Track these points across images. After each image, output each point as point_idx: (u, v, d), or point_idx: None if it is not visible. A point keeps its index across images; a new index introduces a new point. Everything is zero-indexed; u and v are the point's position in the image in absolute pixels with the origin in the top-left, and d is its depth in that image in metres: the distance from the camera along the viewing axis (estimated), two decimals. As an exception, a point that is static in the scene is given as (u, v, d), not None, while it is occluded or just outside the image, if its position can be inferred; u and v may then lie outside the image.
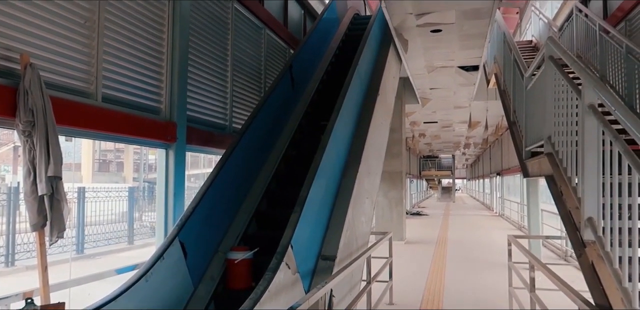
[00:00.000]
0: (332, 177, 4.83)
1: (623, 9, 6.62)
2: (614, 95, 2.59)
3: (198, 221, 4.12)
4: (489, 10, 6.67)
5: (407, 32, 7.69)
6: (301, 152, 5.89)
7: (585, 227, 2.82)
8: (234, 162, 4.74)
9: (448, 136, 24.53)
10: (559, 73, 3.54)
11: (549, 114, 3.91)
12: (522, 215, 16.54)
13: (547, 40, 4.06)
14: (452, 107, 15.23)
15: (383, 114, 7.14)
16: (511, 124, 6.31)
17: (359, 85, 6.19)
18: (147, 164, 24.66)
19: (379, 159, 6.67)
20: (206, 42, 5.57)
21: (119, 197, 14.70)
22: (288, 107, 6.28)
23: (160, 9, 4.70)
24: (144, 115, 4.38)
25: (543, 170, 4.21)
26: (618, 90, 5.72)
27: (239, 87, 6.35)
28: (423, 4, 6.43)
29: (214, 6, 5.76)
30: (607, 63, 6.14)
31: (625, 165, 2.30)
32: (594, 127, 2.72)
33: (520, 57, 5.96)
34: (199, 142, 5.26)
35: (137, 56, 4.37)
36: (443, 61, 9.59)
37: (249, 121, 5.18)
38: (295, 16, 9.00)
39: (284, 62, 7.78)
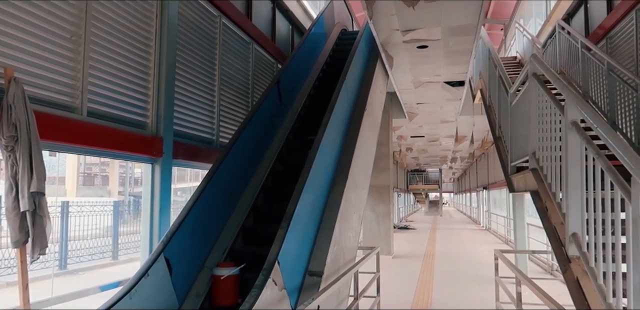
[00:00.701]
0: (320, 192, 4.82)
1: (604, 27, 6.77)
2: (595, 112, 2.63)
3: (184, 237, 4.07)
4: (474, 27, 6.78)
5: (393, 48, 7.78)
6: (288, 166, 5.89)
7: (569, 243, 2.84)
8: (220, 177, 4.71)
9: (435, 150, 24.68)
10: (542, 90, 3.60)
11: (533, 130, 3.96)
12: (509, 229, 16.63)
13: (530, 57, 4.13)
14: (439, 122, 15.36)
15: (370, 128, 7.18)
16: (497, 139, 6.38)
17: (347, 100, 6.23)
18: (133, 177, 24.43)
19: (366, 173, 6.69)
20: (194, 56, 5.58)
21: (103, 212, 14.50)
22: (275, 122, 6.29)
23: (147, 24, 4.71)
24: (129, 130, 4.35)
25: (528, 185, 4.25)
26: (600, 107, 5.82)
27: (226, 102, 6.36)
28: (409, 20, 6.52)
29: (201, 21, 5.79)
30: (589, 79, 6.26)
31: (608, 181, 2.33)
32: (577, 143, 2.76)
33: (505, 73, 6.05)
34: (186, 156, 5.23)
35: (124, 70, 4.36)
36: (429, 76, 9.69)
37: (236, 136, 5.17)
38: (283, 31, 9.07)
39: (271, 77, 7.82)
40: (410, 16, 6.31)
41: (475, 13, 6.27)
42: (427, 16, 6.36)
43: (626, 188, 2.08)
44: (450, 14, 6.30)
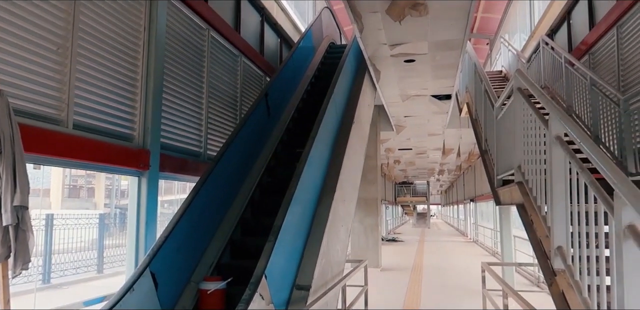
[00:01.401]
0: (307, 205, 4.82)
1: (587, 43, 6.91)
2: (578, 127, 2.67)
3: (170, 251, 4.03)
4: (460, 41, 6.88)
5: (381, 62, 7.86)
6: (276, 179, 5.88)
7: (555, 256, 2.86)
8: (208, 190, 4.69)
9: (423, 163, 24.81)
10: (526, 104, 3.65)
11: (518, 144, 4.01)
12: (496, 242, 16.69)
13: (515, 72, 4.20)
14: (426, 135, 15.48)
15: (358, 141, 7.21)
16: (483, 152, 6.43)
17: (335, 113, 6.26)
18: (120, 189, 24.17)
19: (354, 185, 6.69)
20: (182, 69, 5.58)
21: (88, 224, 14.30)
22: (263, 135, 6.29)
23: (135, 36, 4.71)
24: (116, 143, 4.32)
25: (514, 198, 4.29)
26: (584, 121, 5.91)
27: (214, 114, 6.35)
28: (396, 35, 6.60)
29: (189, 34, 5.81)
30: (573, 94, 6.36)
31: (592, 195, 2.36)
32: (561, 157, 2.80)
33: (491, 87, 6.13)
34: (173, 169, 5.20)
35: (111, 83, 4.34)
36: (417, 90, 9.79)
37: (223, 148, 5.16)
38: (272, 44, 9.12)
39: (260, 90, 7.84)
40: (397, 31, 6.39)
41: (461, 28, 6.37)
42: (414, 31, 6.44)
43: (609, 202, 2.11)
44: (437, 29, 6.40)
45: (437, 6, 5.71)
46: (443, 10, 5.84)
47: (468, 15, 5.98)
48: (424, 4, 5.61)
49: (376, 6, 5.70)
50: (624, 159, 4.80)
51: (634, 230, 1.89)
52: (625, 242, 1.94)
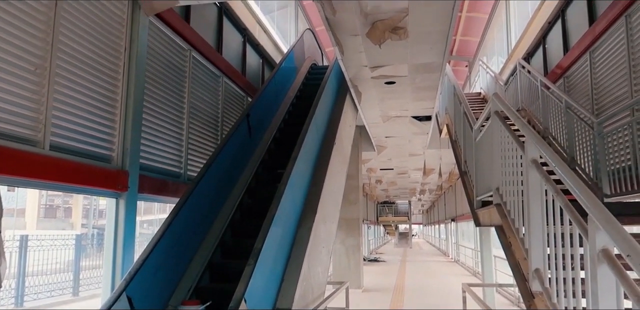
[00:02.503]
0: (288, 227, 4.79)
1: (561, 67, 7.10)
2: (553, 152, 2.73)
3: (148, 274, 3.95)
4: (440, 64, 7.02)
5: (362, 83, 7.96)
6: (257, 200, 5.85)
7: (533, 278, 2.88)
8: (187, 212, 4.64)
9: (404, 182, 24.94)
10: (504, 128, 3.72)
11: (496, 166, 4.07)
12: (477, 262, 16.73)
13: (492, 96, 4.29)
14: (407, 155, 15.61)
15: (339, 162, 7.24)
16: (462, 173, 6.50)
17: (316, 134, 6.29)
18: (98, 209, 23.74)
19: (335, 206, 6.69)
20: (162, 89, 5.57)
21: (65, 246, 13.97)
22: (245, 155, 6.27)
23: (115, 57, 4.69)
24: (94, 164, 4.26)
25: (493, 220, 4.32)
26: (560, 142, 6.03)
27: (195, 135, 6.33)
28: (377, 57, 6.71)
29: (171, 55, 5.82)
30: (549, 116, 6.50)
31: (567, 217, 2.40)
32: (537, 180, 2.84)
33: (469, 110, 6.23)
34: (152, 190, 5.14)
35: (90, 103, 4.30)
36: (397, 111, 9.91)
37: (204, 169, 5.13)
38: (254, 65, 9.18)
39: (241, 110, 7.85)
40: (377, 53, 6.50)
41: (440, 52, 6.51)
42: (394, 54, 6.56)
43: (583, 226, 2.14)
44: (416, 52, 6.53)
45: (416, 30, 5.83)
46: (422, 34, 5.97)
47: (447, 40, 6.12)
48: (403, 28, 5.73)
49: (357, 29, 5.80)
50: (599, 181, 4.89)
51: (608, 254, 1.92)
52: (600, 266, 1.96)
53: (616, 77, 5.48)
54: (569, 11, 7.27)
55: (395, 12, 5.43)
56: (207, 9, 7.09)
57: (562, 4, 7.38)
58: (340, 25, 5.75)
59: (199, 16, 6.74)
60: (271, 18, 11.59)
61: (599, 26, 5.76)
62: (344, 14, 5.44)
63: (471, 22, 15.98)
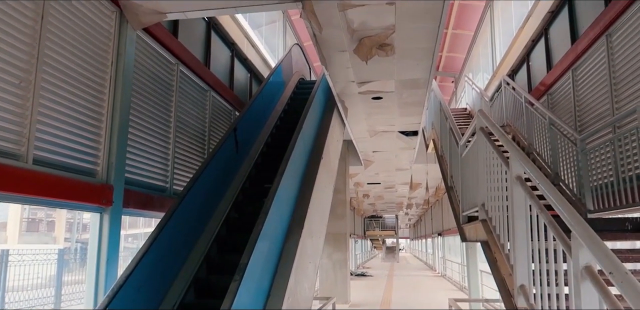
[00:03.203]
0: (275, 242, 4.76)
1: (545, 84, 7.23)
2: (537, 169, 2.76)
3: (131, 290, 3.89)
4: (426, 81, 7.10)
5: (349, 98, 8.01)
6: (244, 215, 5.81)
7: (518, 295, 2.89)
8: (172, 227, 4.59)
9: (391, 197, 24.98)
10: (489, 144, 3.76)
11: (482, 182, 4.10)
12: (463, 276, 16.73)
13: (477, 112, 4.34)
14: (394, 169, 15.66)
15: (327, 176, 7.23)
16: (449, 188, 6.54)
17: (303, 149, 6.29)
18: (82, 223, 23.37)
19: (322, 221, 6.66)
20: (149, 103, 5.56)
21: (47, 260, 13.68)
22: (232, 170, 6.25)
23: (102, 71, 4.67)
24: (78, 178, 4.21)
25: (479, 235, 4.34)
26: (544, 158, 6.11)
27: (181, 149, 6.30)
28: (364, 73, 6.77)
29: (158, 69, 5.82)
30: (533, 132, 6.59)
31: (551, 234, 2.42)
32: (521, 197, 2.87)
33: (455, 126, 6.30)
34: (137, 205, 5.08)
35: (75, 117, 4.27)
36: (384, 126, 9.97)
37: (190, 183, 5.10)
38: (242, 79, 9.21)
39: (229, 124, 7.85)
40: (364, 69, 6.55)
41: (426, 68, 6.58)
42: (381, 70, 6.63)
43: (567, 243, 2.16)
44: (403, 69, 6.59)
45: (403, 47, 5.90)
46: (409, 51, 6.04)
47: (433, 56, 6.20)
48: (390, 44, 5.79)
49: (344, 45, 5.86)
50: (582, 196, 4.95)
51: (591, 271, 1.94)
52: (583, 282, 1.98)
53: (598, 94, 5.59)
54: (552, 30, 7.43)
55: (382, 29, 5.49)
56: (195, 23, 7.12)
57: (545, 23, 7.54)
58: (327, 41, 5.80)
59: (187, 30, 6.77)
60: (259, 33, 11.67)
61: (581, 45, 5.89)
62: (332, 30, 5.49)
63: (457, 38, 16.24)
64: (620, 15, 5.00)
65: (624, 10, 4.92)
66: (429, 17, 5.20)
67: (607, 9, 5.27)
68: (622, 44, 5.05)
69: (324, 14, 5.10)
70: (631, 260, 3.55)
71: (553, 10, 7.21)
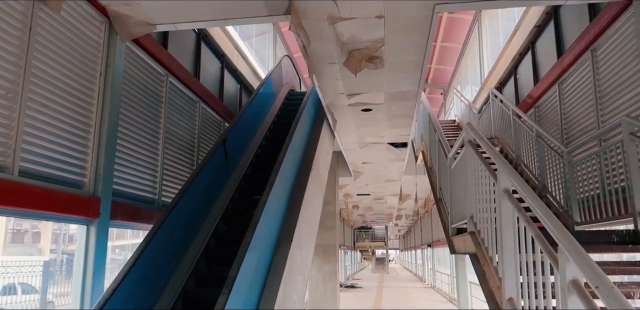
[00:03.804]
0: (264, 254, 4.73)
1: (532, 97, 7.32)
2: (524, 182, 2.78)
3: (118, 304, 3.83)
4: (415, 93, 7.15)
5: (339, 110, 8.04)
6: (233, 227, 5.78)
7: (506, 307, 2.89)
8: (160, 239, 4.55)
9: (381, 208, 24.98)
10: (477, 157, 3.79)
11: (470, 194, 4.12)
12: (453, 288, 16.70)
13: (466, 125, 4.38)
14: (384, 181, 15.69)
15: (316, 188, 7.22)
16: (438, 200, 6.56)
17: (293, 161, 6.29)
18: (68, 234, 23.08)
19: (312, 232, 6.64)
20: (138, 114, 5.54)
21: (32, 272, 13.46)
22: (221, 181, 6.22)
23: (90, 82, 4.65)
24: (65, 190, 4.17)
25: (468, 248, 4.35)
26: (532, 170, 6.16)
27: (170, 160, 6.27)
28: (353, 85, 6.81)
29: (147, 80, 5.80)
30: (521, 145, 6.65)
31: (539, 246, 2.43)
32: (509, 210, 2.89)
33: (444, 138, 6.35)
34: (125, 217, 5.04)
35: (62, 128, 4.23)
36: (374, 138, 10.01)
37: (179, 195, 5.06)
38: (232, 90, 9.22)
39: (218, 135, 7.83)
40: (354, 81, 6.59)
41: (415, 81, 6.64)
42: (371, 82, 6.67)
43: (554, 256, 2.17)
44: (392, 81, 6.65)
45: (392, 59, 5.95)
46: (398, 64, 6.09)
47: (422, 69, 6.26)
48: (380, 57, 5.84)
49: (334, 58, 5.90)
50: (569, 208, 4.99)
51: (578, 285, 1.95)
52: (570, 296, 1.99)
53: (584, 107, 5.66)
54: (539, 44, 7.55)
55: (372, 42, 5.54)
56: (185, 34, 7.14)
57: (532, 37, 7.66)
58: (317, 54, 5.84)
59: (177, 41, 6.78)
60: (250, 44, 11.72)
61: (567, 59, 5.99)
62: (321, 43, 5.53)
63: (446, 51, 16.42)
64: (605, 31, 5.10)
65: (608, 26, 5.01)
66: (417, 31, 5.26)
67: (592, 24, 5.37)
68: (606, 58, 5.14)
69: (314, 26, 5.15)
70: (617, 272, 3.57)
71: (539, 24, 7.33)
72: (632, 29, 4.56)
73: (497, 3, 4.78)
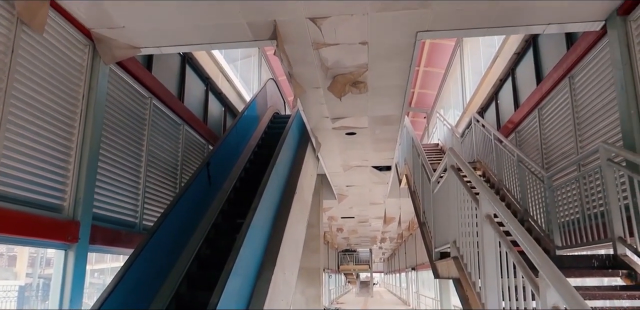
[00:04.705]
0: (246, 279, 4.66)
1: (513, 122, 7.45)
2: (506, 209, 2.81)
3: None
4: (398, 117, 7.25)
5: (323, 134, 8.09)
6: (215, 251, 5.70)
7: (490, 334, 2.88)
8: (141, 264, 4.46)
9: (365, 231, 24.90)
10: (460, 182, 3.82)
11: (453, 219, 4.14)
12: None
13: (448, 150, 4.43)
14: (368, 204, 15.70)
15: (300, 211, 7.19)
16: (421, 224, 6.56)
17: (277, 184, 6.27)
18: (45, 257, 22.50)
19: (295, 256, 6.58)
20: (120, 137, 5.49)
21: (5, 298, 13.03)
22: (204, 205, 6.17)
23: (72, 104, 4.59)
24: (42, 214, 4.07)
25: (451, 272, 4.34)
26: (514, 194, 6.22)
27: (152, 183, 6.20)
28: (338, 109, 6.88)
29: (131, 102, 5.78)
30: (503, 169, 6.73)
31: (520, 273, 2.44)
32: (491, 236, 2.90)
33: (427, 162, 6.40)
34: (104, 241, 4.94)
35: (42, 151, 4.16)
36: (358, 161, 10.06)
37: (161, 219, 5.00)
38: (216, 113, 9.23)
39: (202, 158, 7.80)
40: (338, 105, 6.67)
41: (398, 105, 6.74)
42: (355, 106, 6.75)
43: (535, 283, 2.18)
44: (376, 105, 6.74)
45: (376, 84, 6.05)
46: (382, 89, 6.19)
47: (405, 94, 6.36)
48: (363, 82, 5.93)
49: (318, 82, 5.97)
50: (551, 232, 5.03)
51: (559, 312, 1.96)
52: (552, 323, 1.99)
53: (563, 133, 5.77)
54: (518, 70, 7.73)
55: (356, 67, 5.63)
56: (170, 57, 7.17)
57: (512, 63, 7.85)
58: (302, 78, 5.91)
59: (162, 64, 6.80)
60: (235, 67, 11.80)
61: (546, 85, 6.13)
62: (306, 68, 5.60)
63: (428, 76, 16.71)
64: (582, 59, 5.25)
65: (585, 54, 5.16)
66: (400, 57, 5.37)
67: (569, 52, 5.53)
68: (584, 85, 5.27)
69: (299, 51, 5.22)
70: (598, 297, 3.58)
71: (519, 51, 7.52)
72: (607, 58, 4.70)
73: (477, 31, 4.90)
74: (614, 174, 4.03)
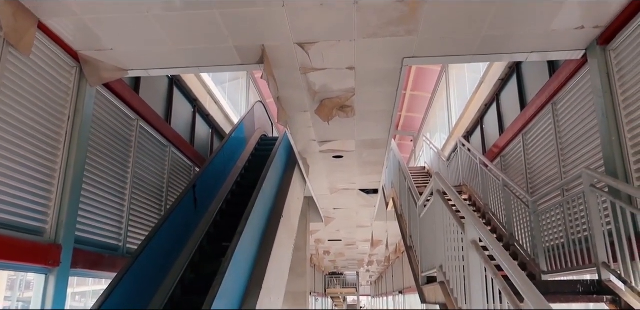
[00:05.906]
0: (231, 304, 4.58)
1: (498, 146, 7.53)
2: (491, 235, 2.83)
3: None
4: (385, 141, 7.30)
5: (311, 156, 8.11)
6: (200, 276, 5.61)
7: (477, 362, 2.85)
8: (124, 288, 4.38)
9: (352, 254, 24.73)
10: (446, 207, 3.84)
11: (439, 243, 4.14)
12: (426, 337, 16.33)
13: (434, 175, 4.46)
14: (355, 226, 15.64)
15: (287, 234, 7.15)
16: (408, 247, 6.55)
17: (263, 207, 6.24)
18: (25, 280, 21.94)
19: (282, 280, 6.51)
20: (106, 159, 5.44)
21: (-18, 323, 12.61)
22: (189, 228, 6.10)
23: (57, 126, 4.55)
24: (22, 237, 3.97)
25: (438, 297, 4.31)
26: (499, 218, 6.25)
27: (137, 206, 6.13)
28: (325, 132, 6.92)
29: (117, 124, 5.75)
30: (488, 193, 6.78)
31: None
32: (477, 261, 2.91)
33: (414, 186, 6.42)
34: (87, 265, 4.84)
35: (24, 173, 4.09)
36: (345, 184, 10.07)
37: (145, 242, 4.93)
38: (203, 135, 9.22)
39: (188, 180, 7.75)
40: (326, 129, 6.71)
41: (385, 129, 6.80)
42: (342, 130, 6.80)
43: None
44: (363, 129, 6.79)
45: (363, 109, 6.12)
46: (368, 113, 6.25)
47: (391, 118, 6.43)
48: (351, 106, 5.99)
49: (306, 106, 6.02)
50: (536, 257, 5.04)
51: (544, 341, 1.95)
52: (538, 351, 1.98)
53: (547, 158, 5.85)
54: (503, 96, 7.87)
55: (343, 92, 5.70)
56: (157, 79, 7.19)
57: (497, 89, 7.99)
58: (289, 101, 5.96)
59: (149, 86, 6.80)
60: (222, 89, 11.85)
61: (529, 111, 6.24)
62: (294, 91, 5.66)
63: (415, 100, 16.92)
64: (564, 86, 5.36)
65: (567, 82, 5.28)
66: (387, 82, 5.45)
67: (552, 79, 5.65)
68: (566, 112, 5.37)
69: (287, 76, 5.28)
70: (585, 323, 3.58)
71: (503, 77, 7.67)
72: (589, 85, 4.81)
73: (462, 58, 5.00)
74: (597, 199, 4.07)
